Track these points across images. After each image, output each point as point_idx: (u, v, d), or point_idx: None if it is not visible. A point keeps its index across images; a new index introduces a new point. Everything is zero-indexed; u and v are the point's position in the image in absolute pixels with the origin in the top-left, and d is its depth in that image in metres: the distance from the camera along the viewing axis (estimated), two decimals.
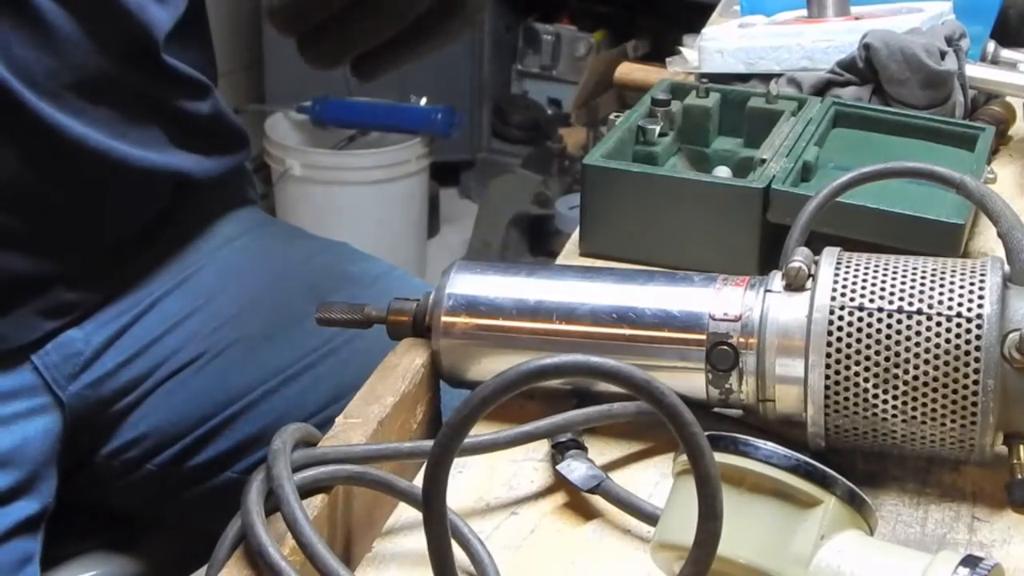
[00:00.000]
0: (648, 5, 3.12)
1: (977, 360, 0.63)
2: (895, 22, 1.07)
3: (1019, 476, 0.65)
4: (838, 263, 0.67)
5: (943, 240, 0.82)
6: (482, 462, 0.70)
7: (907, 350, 0.64)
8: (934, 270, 0.66)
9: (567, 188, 2.91)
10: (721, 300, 0.69)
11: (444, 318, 0.73)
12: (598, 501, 0.68)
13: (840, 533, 0.55)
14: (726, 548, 0.51)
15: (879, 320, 0.65)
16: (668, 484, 0.58)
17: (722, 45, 1.09)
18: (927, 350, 0.64)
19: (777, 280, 0.69)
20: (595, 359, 0.50)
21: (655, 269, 0.80)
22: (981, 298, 0.64)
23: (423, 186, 2.95)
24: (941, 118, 0.98)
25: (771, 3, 1.19)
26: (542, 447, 0.71)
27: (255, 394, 1.03)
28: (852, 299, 0.66)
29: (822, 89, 1.03)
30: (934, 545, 0.64)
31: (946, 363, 0.64)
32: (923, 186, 0.83)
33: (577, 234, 0.91)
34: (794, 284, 0.68)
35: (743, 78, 1.08)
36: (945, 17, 1.10)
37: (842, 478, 0.55)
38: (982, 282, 0.65)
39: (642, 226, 0.88)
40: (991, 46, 1.16)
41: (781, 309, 0.68)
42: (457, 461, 0.57)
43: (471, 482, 0.69)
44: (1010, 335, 0.64)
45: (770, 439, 0.56)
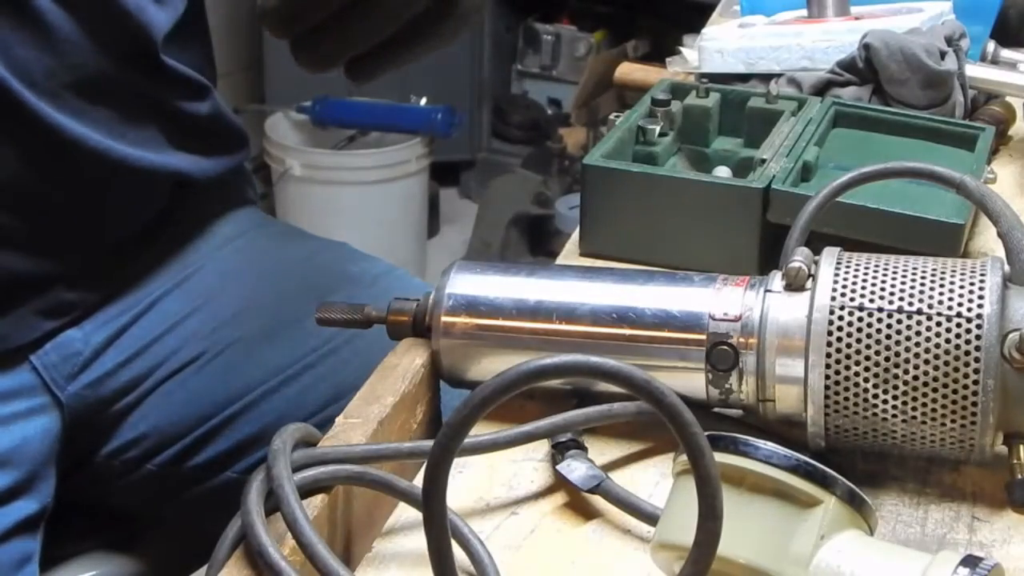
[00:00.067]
0: (648, 5, 3.12)
1: (977, 360, 0.63)
2: (895, 22, 1.07)
3: (1019, 476, 0.65)
4: (838, 263, 0.67)
5: (943, 240, 0.82)
6: (482, 462, 0.70)
7: (907, 350, 0.64)
8: (934, 270, 0.66)
9: (567, 188, 2.91)
10: (721, 300, 0.69)
11: (444, 318, 0.73)
12: (598, 501, 0.68)
13: (840, 533, 0.55)
14: (726, 548, 0.51)
15: (879, 320, 0.65)
16: (668, 484, 0.58)
17: (722, 45, 1.09)
18: (927, 350, 0.64)
19: (777, 280, 0.69)
20: (595, 359, 0.50)
21: (655, 269, 0.80)
22: (981, 298, 0.64)
23: (423, 186, 2.95)
24: (941, 118, 0.98)
25: (771, 3, 1.19)
26: (542, 447, 0.71)
27: (255, 394, 1.03)
28: (852, 299, 0.66)
29: (822, 89, 1.03)
30: (934, 545, 0.64)
31: (946, 363, 0.64)
32: (923, 186, 0.83)
33: (577, 234, 0.91)
34: (794, 284, 0.68)
35: (743, 78, 1.08)
36: (945, 17, 1.10)
37: (842, 478, 0.55)
38: (982, 282, 0.65)
39: (642, 226, 0.88)
40: (991, 46, 1.16)
41: (781, 309, 0.68)
42: (457, 461, 0.57)
43: (471, 482, 0.69)
44: (1010, 335, 0.63)
45: (770, 439, 0.56)
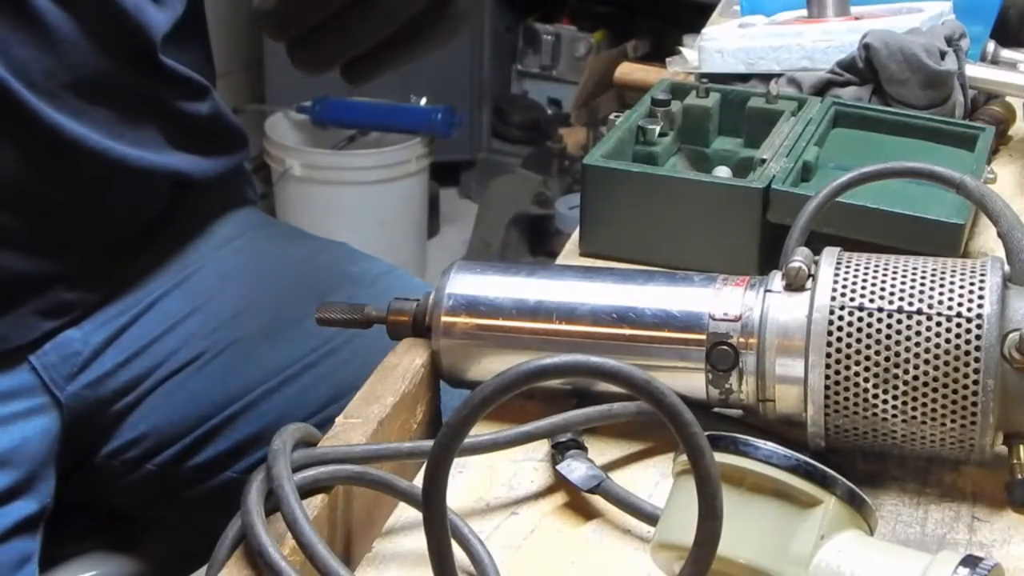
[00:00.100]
0: (648, 5, 3.12)
1: (977, 360, 0.63)
2: (895, 22, 1.07)
3: (1019, 476, 0.65)
4: (838, 263, 0.67)
5: (943, 240, 0.82)
6: (482, 462, 0.70)
7: (907, 350, 0.64)
8: (934, 270, 0.66)
9: (567, 188, 2.91)
10: (721, 300, 0.69)
11: (444, 318, 0.73)
12: (598, 501, 0.68)
13: (840, 533, 0.55)
14: (726, 548, 0.51)
15: (879, 320, 0.65)
16: (668, 484, 0.58)
17: (722, 45, 1.09)
18: (927, 350, 0.64)
19: (777, 280, 0.69)
20: (595, 359, 0.50)
21: (655, 269, 0.80)
22: (981, 298, 0.64)
23: (423, 186, 2.95)
24: (941, 118, 0.98)
25: (771, 3, 1.19)
26: (542, 447, 0.71)
27: (255, 394, 1.03)
28: (852, 299, 0.66)
29: (822, 89, 1.03)
30: (934, 545, 0.64)
31: (946, 363, 0.64)
32: (923, 186, 0.83)
33: (577, 234, 0.91)
34: (794, 284, 0.68)
35: (743, 78, 1.08)
36: (945, 17, 1.10)
37: (842, 478, 0.55)
38: (982, 282, 0.65)
39: (642, 226, 0.88)
40: (991, 46, 1.16)
41: (781, 309, 0.68)
42: (457, 461, 0.57)
43: (471, 482, 0.69)
44: (1010, 335, 0.63)
45: (770, 439, 0.56)
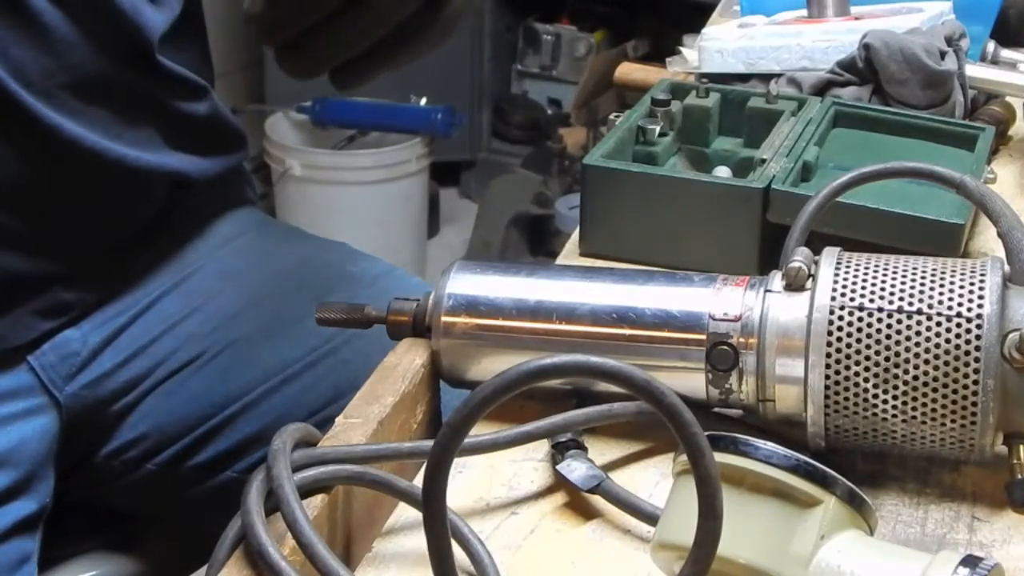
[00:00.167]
0: (648, 5, 3.12)
1: (977, 360, 0.63)
2: (895, 22, 1.07)
3: (1019, 476, 0.65)
4: (838, 263, 0.67)
5: (943, 240, 0.82)
6: (482, 462, 0.70)
7: (907, 350, 0.64)
8: (934, 270, 0.66)
9: (567, 188, 2.91)
10: (721, 300, 0.69)
11: (444, 318, 0.73)
12: (598, 501, 0.68)
13: (840, 533, 0.55)
14: (726, 548, 0.51)
15: (879, 320, 0.65)
16: (668, 484, 0.58)
17: (722, 45, 1.09)
18: (927, 350, 0.64)
19: (777, 280, 0.69)
20: (595, 359, 0.50)
21: (655, 269, 0.80)
22: (981, 298, 0.64)
23: (423, 186, 2.95)
24: (941, 118, 0.98)
25: (771, 3, 1.19)
26: (542, 447, 0.71)
27: (255, 394, 1.03)
28: (852, 299, 0.66)
29: (822, 89, 1.03)
30: (934, 545, 0.64)
31: (946, 363, 0.64)
32: (923, 186, 0.83)
33: (577, 234, 0.91)
34: (794, 284, 0.68)
35: (743, 78, 1.08)
36: (945, 17, 1.10)
37: (842, 478, 0.55)
38: (982, 282, 0.65)
39: (642, 226, 0.88)
40: (991, 46, 1.16)
41: (781, 309, 0.68)
42: (457, 461, 0.57)
43: (471, 482, 0.69)
44: (1010, 335, 0.63)
45: (770, 439, 0.56)
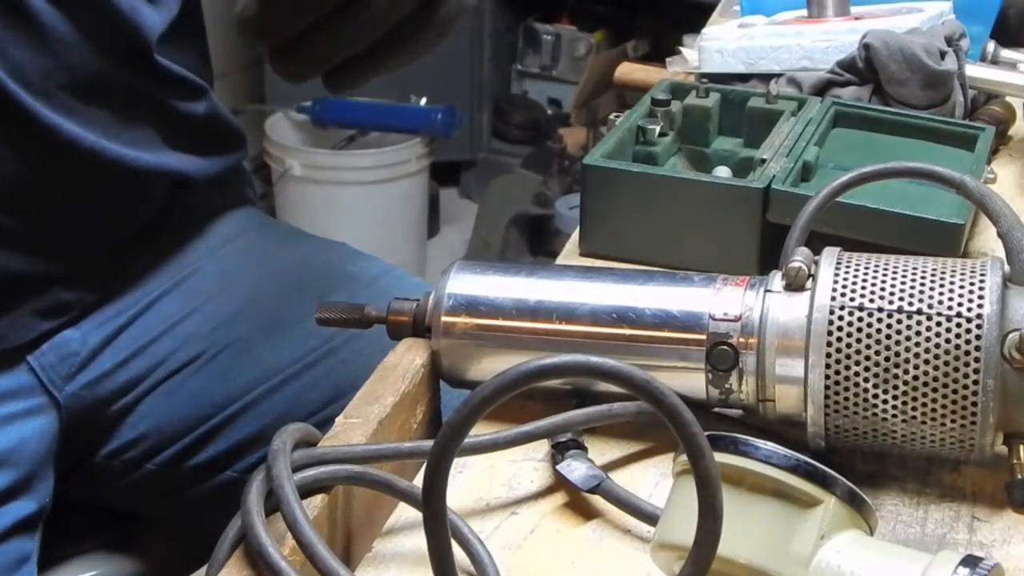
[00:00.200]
0: (648, 5, 3.12)
1: (977, 360, 0.63)
2: (895, 22, 1.07)
3: (1019, 476, 0.65)
4: (838, 263, 0.67)
5: (943, 240, 0.82)
6: (482, 462, 0.70)
7: (907, 350, 0.64)
8: (934, 270, 0.66)
9: (567, 188, 2.91)
10: (721, 300, 0.69)
11: (444, 318, 0.73)
12: (598, 501, 0.68)
13: (840, 533, 0.55)
14: (726, 548, 0.51)
15: (879, 320, 0.65)
16: (668, 484, 0.58)
17: (722, 45, 1.09)
18: (927, 350, 0.64)
19: (777, 280, 0.69)
20: (595, 359, 0.50)
21: (655, 269, 0.80)
22: (981, 298, 0.64)
23: (423, 186, 2.95)
24: (941, 118, 0.98)
25: (771, 3, 1.19)
26: (542, 447, 0.71)
27: (255, 394, 1.03)
28: (852, 299, 0.66)
29: (822, 89, 1.03)
30: (934, 545, 0.64)
31: (946, 363, 0.64)
32: (923, 186, 0.83)
33: (577, 234, 0.91)
34: (794, 284, 0.68)
35: (743, 78, 1.08)
36: (945, 17, 1.10)
37: (842, 478, 0.55)
38: (982, 282, 0.65)
39: (642, 226, 0.88)
40: (991, 46, 1.16)
41: (781, 309, 0.68)
42: (457, 461, 0.57)
43: (471, 482, 0.69)
44: (1010, 335, 0.63)
45: (770, 439, 0.56)
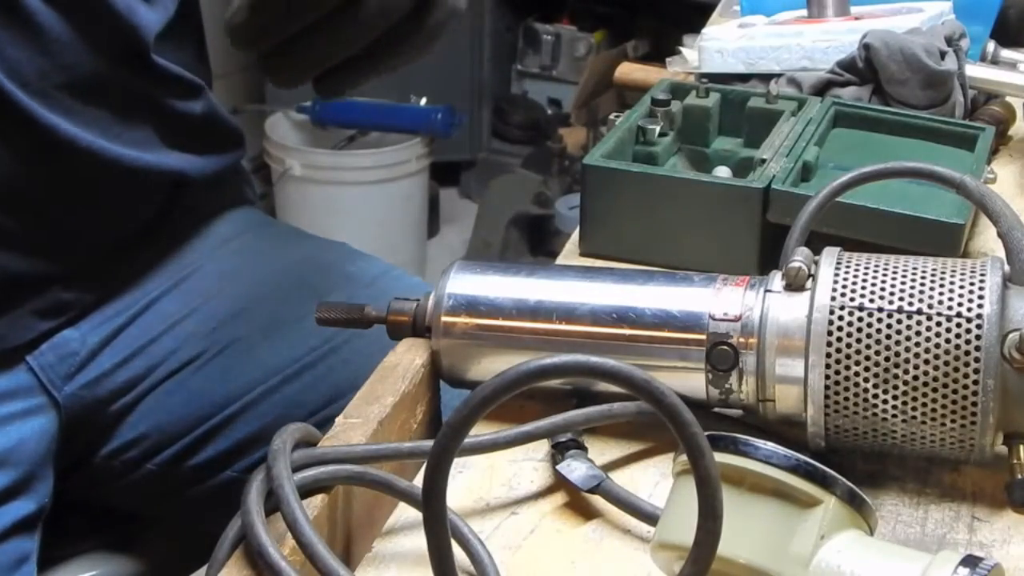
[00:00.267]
0: (648, 5, 3.12)
1: (977, 360, 0.63)
2: (895, 22, 1.07)
3: (1019, 476, 0.65)
4: (838, 263, 0.67)
5: (943, 240, 0.82)
6: (482, 462, 0.70)
7: (907, 350, 0.64)
8: (934, 270, 0.66)
9: (567, 188, 2.90)
10: (721, 300, 0.69)
11: (444, 318, 0.73)
12: (598, 501, 0.68)
13: (840, 533, 0.55)
14: (726, 548, 0.51)
15: (879, 320, 0.65)
16: (668, 484, 0.58)
17: (722, 45, 1.09)
18: (927, 350, 0.64)
19: (777, 280, 0.69)
20: (595, 359, 0.50)
21: (655, 269, 0.80)
22: (981, 298, 0.64)
23: (423, 186, 2.95)
24: (941, 118, 0.98)
25: (771, 3, 1.19)
26: (542, 447, 0.71)
27: (255, 394, 1.03)
28: (852, 299, 0.66)
29: (822, 89, 1.03)
30: (934, 545, 0.64)
31: (946, 363, 0.64)
32: (923, 186, 0.83)
33: (577, 234, 0.91)
34: (794, 284, 0.68)
35: (743, 78, 1.08)
36: (945, 17, 1.10)
37: (842, 478, 0.55)
38: (982, 282, 0.65)
39: (642, 226, 0.88)
40: (991, 46, 1.16)
41: (781, 309, 0.68)
42: (457, 461, 0.57)
43: (471, 482, 0.69)
44: (1010, 335, 0.63)
45: (770, 439, 0.56)
